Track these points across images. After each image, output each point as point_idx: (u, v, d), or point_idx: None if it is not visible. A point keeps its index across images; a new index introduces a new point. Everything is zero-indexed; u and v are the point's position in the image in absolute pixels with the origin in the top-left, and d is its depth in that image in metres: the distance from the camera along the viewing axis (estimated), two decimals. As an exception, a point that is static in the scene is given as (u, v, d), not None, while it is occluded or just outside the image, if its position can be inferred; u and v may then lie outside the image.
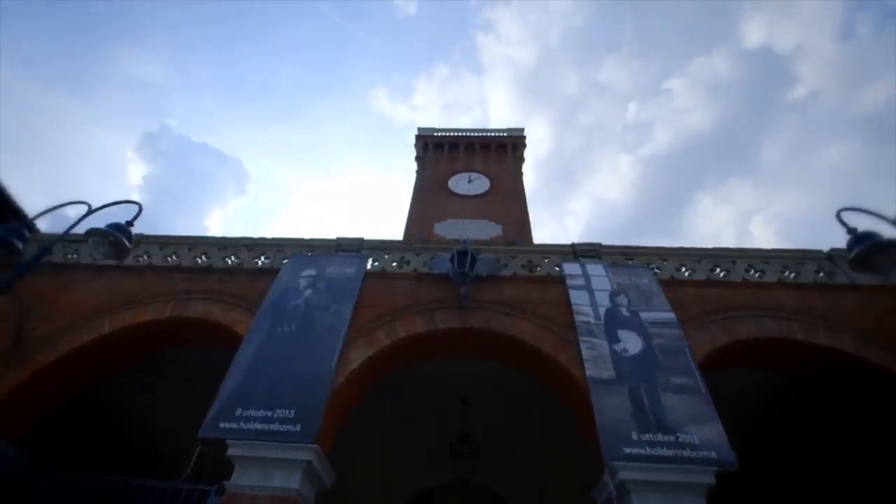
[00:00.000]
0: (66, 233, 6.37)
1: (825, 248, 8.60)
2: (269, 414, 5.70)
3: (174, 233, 9.68)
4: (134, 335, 7.53)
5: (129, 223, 6.16)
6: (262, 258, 8.83)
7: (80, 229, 6.14)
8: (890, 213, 5.42)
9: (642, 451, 5.24)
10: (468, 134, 24.39)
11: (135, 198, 7.98)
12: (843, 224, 5.68)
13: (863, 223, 5.59)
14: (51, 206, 6.25)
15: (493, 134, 24.31)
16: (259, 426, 5.60)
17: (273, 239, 9.13)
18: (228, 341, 7.07)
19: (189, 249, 8.96)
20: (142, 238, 9.12)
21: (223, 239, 9.16)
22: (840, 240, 5.73)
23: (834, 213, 5.71)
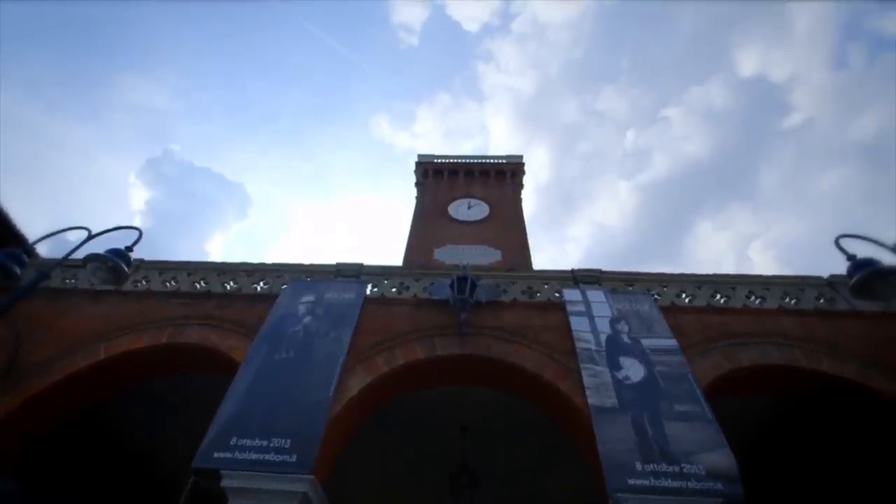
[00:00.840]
0: (66, 258, 6.38)
1: (825, 273, 8.62)
2: (265, 443, 5.57)
3: (175, 257, 9.72)
4: (130, 361, 7.44)
5: (129, 248, 6.17)
6: (262, 283, 8.81)
7: (81, 254, 6.15)
8: (888, 239, 5.47)
9: (647, 483, 5.10)
10: (467, 160, 24.72)
11: (136, 223, 8.05)
12: (843, 251, 5.72)
13: (862, 250, 5.64)
14: (51, 232, 6.28)
15: (492, 161, 24.65)
16: (254, 456, 5.47)
17: (272, 264, 9.14)
18: (226, 368, 6.98)
19: (188, 275, 8.95)
20: (141, 263, 9.13)
21: (222, 264, 9.17)
22: (839, 265, 5.77)
23: (832, 238, 5.76)
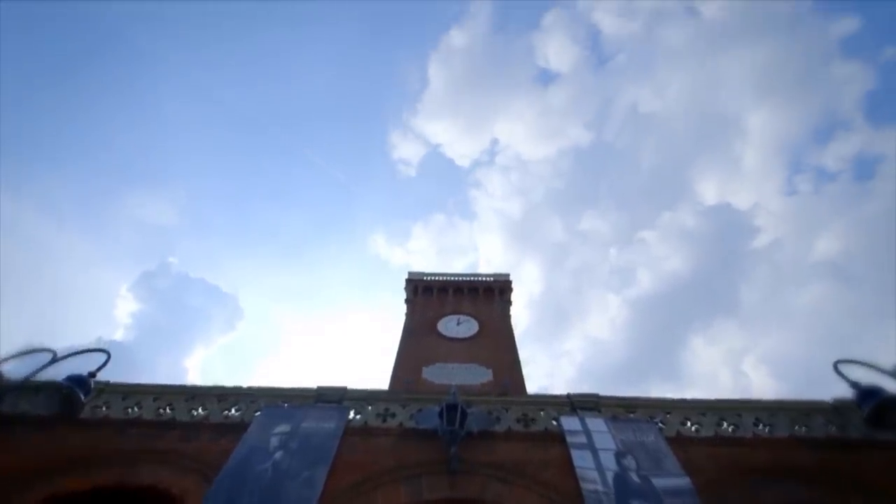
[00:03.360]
0: (24, 382, 5.85)
1: (823, 391, 8.34)
2: None
3: (153, 372, 9.11)
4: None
5: (92, 374, 5.72)
6: (233, 409, 8.07)
7: (49, 374, 5.68)
8: (881, 359, 5.37)
9: None
10: (456, 278, 25.08)
11: (119, 336, 7.69)
12: (843, 377, 5.57)
13: (859, 373, 5.51)
14: (15, 353, 5.87)
15: (480, 278, 25.05)
16: None
17: (247, 388, 8.48)
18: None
19: (154, 399, 8.21)
20: (105, 386, 8.41)
21: (193, 388, 8.48)
22: (839, 384, 5.62)
23: (822, 352, 5.72)
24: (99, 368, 5.83)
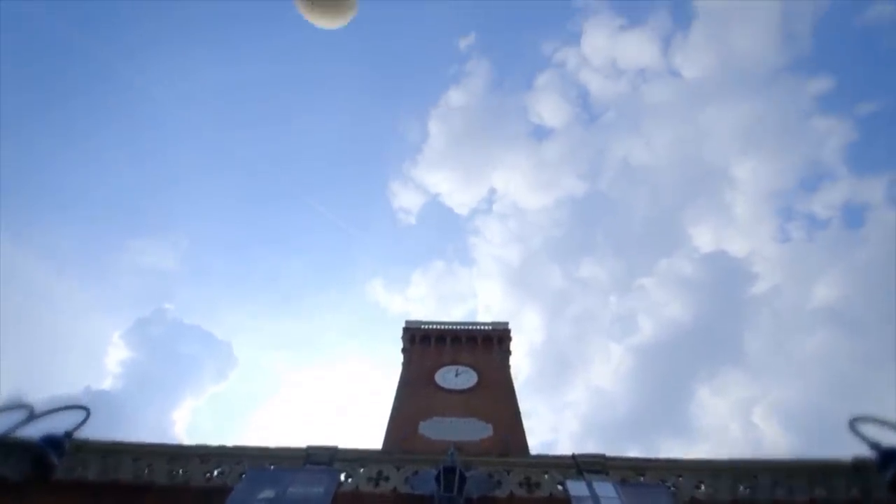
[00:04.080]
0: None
1: (835, 439, 7.89)
2: None
3: (137, 425, 8.61)
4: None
5: (69, 434, 5.40)
6: (216, 472, 7.59)
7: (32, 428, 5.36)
8: (886, 403, 5.10)
9: None
10: (454, 327, 24.62)
11: (107, 385, 7.32)
12: (861, 436, 5.28)
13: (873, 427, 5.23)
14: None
15: (479, 327, 24.62)
16: None
17: (232, 448, 8.01)
18: None
19: (133, 460, 7.74)
20: (84, 444, 7.95)
21: (175, 447, 8.03)
22: (849, 434, 5.35)
23: (828, 399, 5.54)
24: (77, 427, 5.52)
